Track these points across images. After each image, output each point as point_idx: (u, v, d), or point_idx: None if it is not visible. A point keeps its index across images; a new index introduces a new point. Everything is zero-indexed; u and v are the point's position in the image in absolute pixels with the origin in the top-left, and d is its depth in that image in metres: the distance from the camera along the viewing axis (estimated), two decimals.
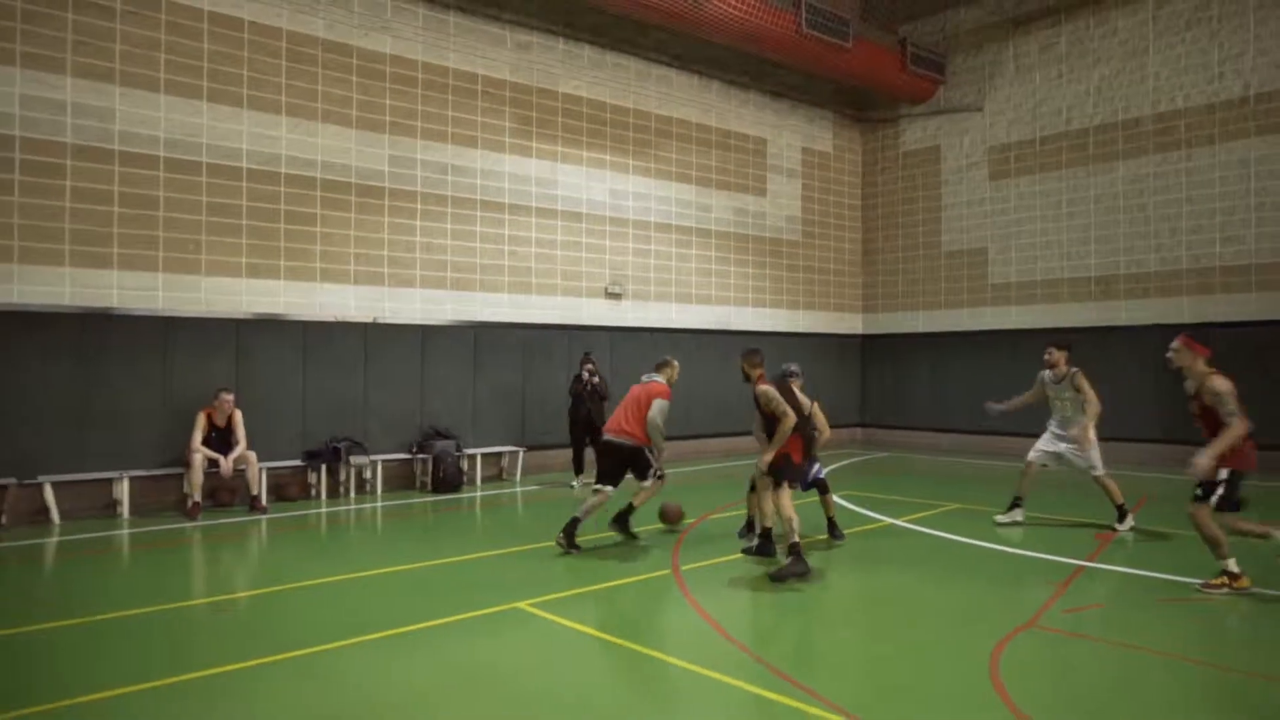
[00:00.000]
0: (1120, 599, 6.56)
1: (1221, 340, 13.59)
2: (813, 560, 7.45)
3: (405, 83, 12.35)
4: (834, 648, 5.62)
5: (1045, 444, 9.18)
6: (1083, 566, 7.42)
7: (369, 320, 11.97)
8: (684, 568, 7.44)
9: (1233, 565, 6.55)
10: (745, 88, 16.60)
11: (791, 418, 7.34)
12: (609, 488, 8.31)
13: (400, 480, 12.20)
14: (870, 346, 18.56)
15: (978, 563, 7.69)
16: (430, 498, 11.57)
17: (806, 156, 17.76)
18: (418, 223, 12.47)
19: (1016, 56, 16.29)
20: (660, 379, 8.49)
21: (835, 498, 9.21)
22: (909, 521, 9.55)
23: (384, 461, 11.91)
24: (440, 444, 12.05)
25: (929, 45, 16.85)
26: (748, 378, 7.88)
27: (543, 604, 6.32)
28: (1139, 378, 14.22)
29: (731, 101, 16.47)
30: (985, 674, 4.90)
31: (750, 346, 8.25)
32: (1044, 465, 9.22)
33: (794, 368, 8.40)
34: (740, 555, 7.88)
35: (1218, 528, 6.49)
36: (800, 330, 17.45)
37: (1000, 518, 9.38)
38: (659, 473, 8.41)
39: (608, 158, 14.63)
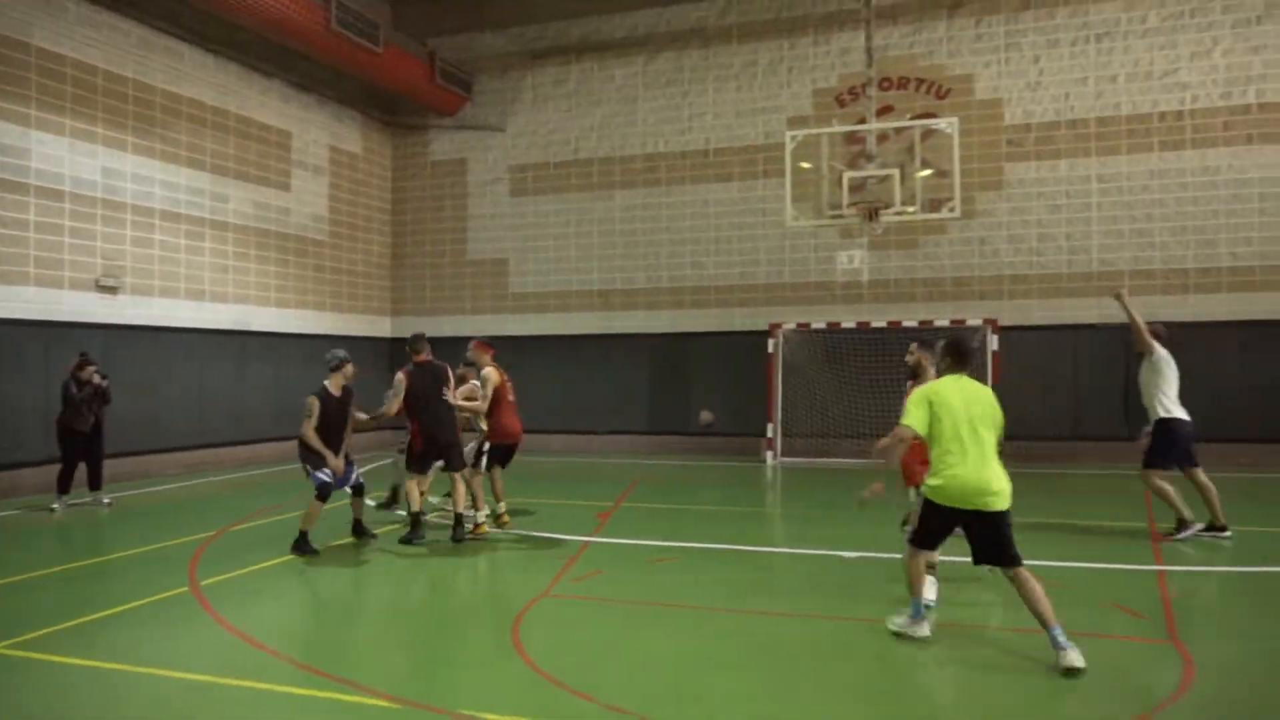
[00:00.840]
0: (617, 564, 7.73)
1: (694, 345, 16.60)
2: (356, 560, 7.50)
3: None
4: (374, 638, 5.80)
5: None
6: (587, 542, 8.56)
7: None
8: (204, 583, 6.96)
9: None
10: (269, 75, 15.74)
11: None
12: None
13: None
14: (399, 350, 18.77)
15: (505, 548, 8.42)
16: None
17: (334, 155, 17.41)
18: None
19: (534, 86, 17.88)
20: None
21: (370, 500, 9.32)
22: (442, 518, 10.00)
23: None
24: None
25: (457, 63, 17.67)
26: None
27: (19, 644, 5.46)
28: (640, 376, 16.63)
29: (253, 88, 15.49)
30: (509, 639, 5.51)
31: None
32: None
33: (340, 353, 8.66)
34: (268, 564, 7.60)
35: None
36: (326, 332, 17.02)
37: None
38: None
39: (99, 130, 12.78)
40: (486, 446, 9.37)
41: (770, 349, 15.55)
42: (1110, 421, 14.48)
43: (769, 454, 15.21)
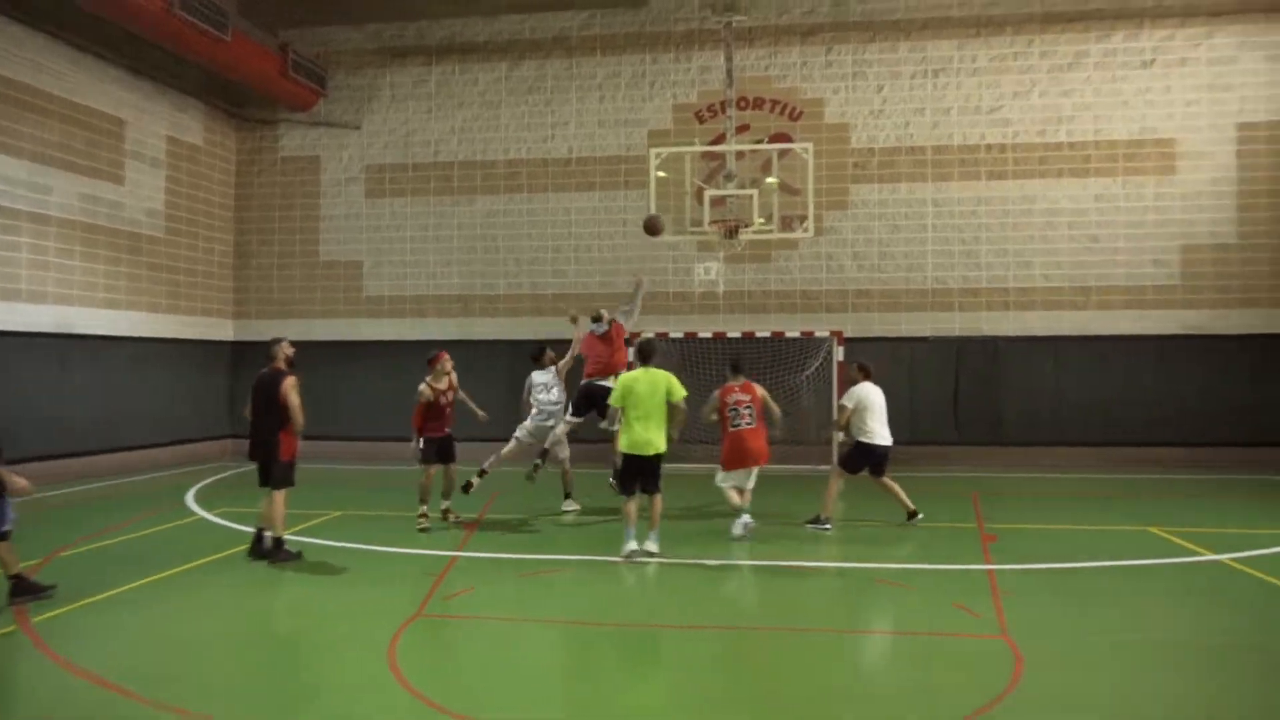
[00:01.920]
0: (487, 580, 7.72)
1: (556, 352, 16.60)
2: (208, 585, 7.12)
3: None
4: (238, 669, 5.56)
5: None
6: (455, 557, 8.49)
7: None
8: (36, 620, 6.43)
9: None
10: (100, 58, 14.57)
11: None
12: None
13: None
14: (242, 354, 17.83)
15: (367, 565, 8.22)
16: None
17: (173, 147, 16.33)
18: None
19: (393, 85, 17.42)
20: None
21: (215, 516, 8.87)
22: (297, 534, 9.62)
23: None
24: None
25: (311, 56, 16.96)
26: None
27: None
28: (500, 383, 16.51)
29: (82, 70, 14.30)
30: (384, 664, 5.42)
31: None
32: None
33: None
34: (108, 595, 7.11)
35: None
36: (161, 335, 15.95)
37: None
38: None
39: None
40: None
41: (631, 357, 15.80)
42: (943, 427, 15.69)
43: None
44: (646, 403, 8.10)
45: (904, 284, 15.99)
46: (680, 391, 8.28)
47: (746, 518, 9.24)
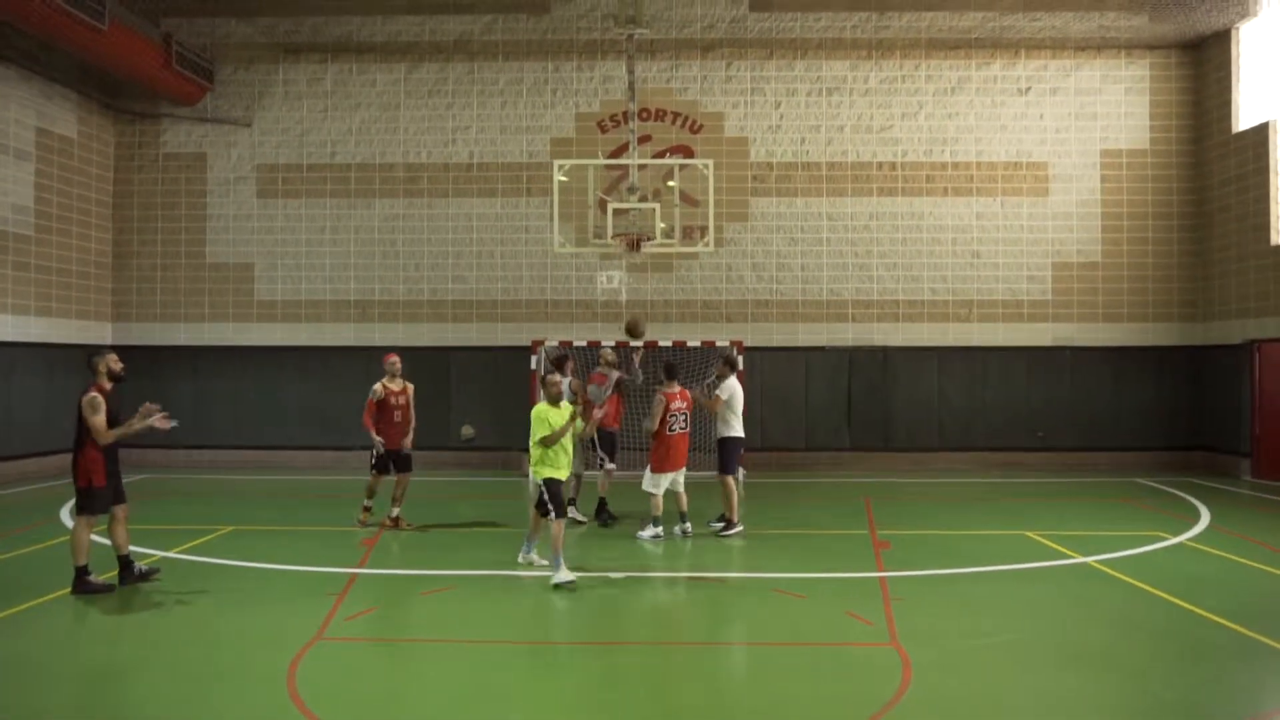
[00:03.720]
0: (390, 598, 7.60)
1: (462, 360, 16.44)
2: (87, 612, 6.76)
3: None
4: (131, 700, 5.31)
5: None
6: (355, 574, 8.32)
7: None
8: None
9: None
10: None
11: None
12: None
13: None
14: (122, 359, 16.87)
15: (262, 584, 7.96)
16: None
17: (43, 139, 15.35)
18: None
19: (286, 83, 16.85)
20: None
21: (96, 534, 8.39)
22: (184, 552, 9.23)
23: None
24: None
25: (196, 48, 16.23)
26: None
27: None
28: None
29: None
30: (284, 691, 5.30)
31: None
32: None
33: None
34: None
35: None
36: (31, 339, 14.98)
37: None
38: None
39: None
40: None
41: (533, 365, 15.79)
42: (837, 433, 16.28)
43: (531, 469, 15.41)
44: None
45: (801, 295, 16.50)
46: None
47: (659, 529, 9.79)
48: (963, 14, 15.25)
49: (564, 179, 13.08)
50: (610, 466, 11.05)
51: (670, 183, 13.16)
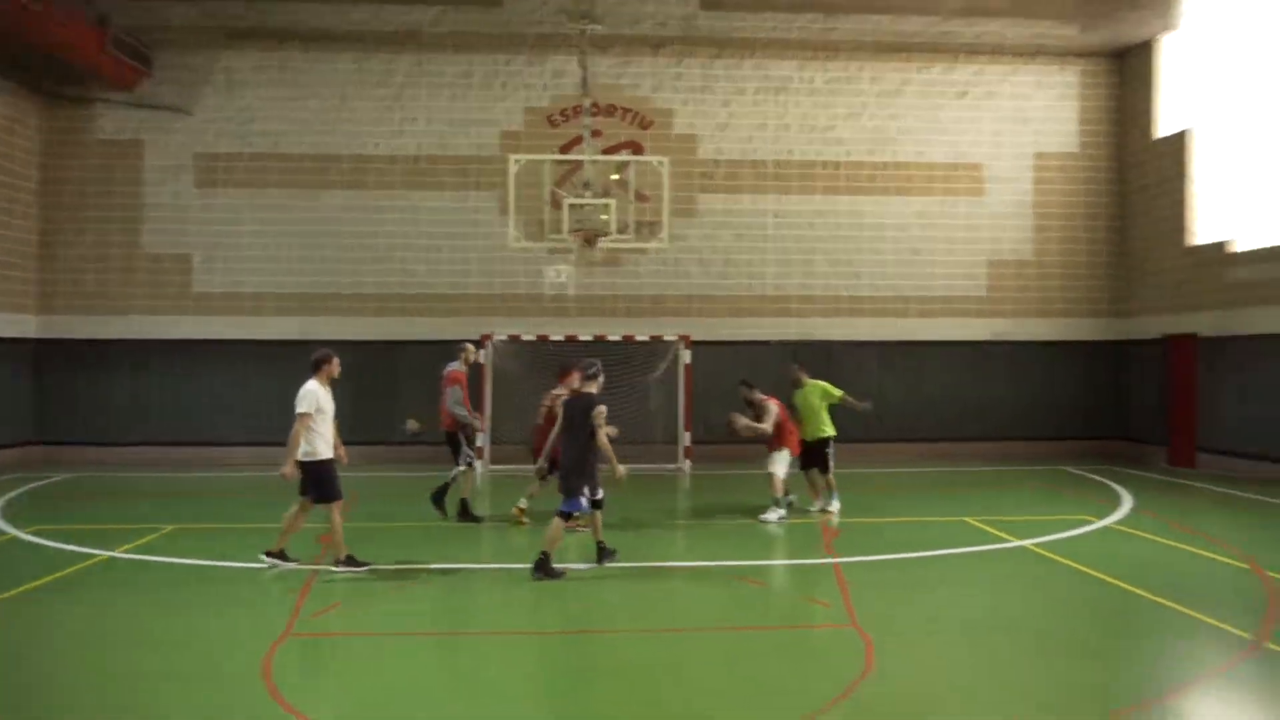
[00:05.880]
0: (354, 593, 7.59)
1: (409, 354, 16.24)
2: (44, 613, 6.61)
3: None
4: (105, 704, 5.25)
5: None
6: (315, 571, 8.27)
7: None
8: None
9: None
10: None
11: None
12: None
13: None
14: (49, 352, 16.32)
15: (221, 583, 7.87)
16: None
17: None
18: None
19: (229, 69, 16.44)
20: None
21: (28, 534, 8.23)
22: (130, 551, 9.04)
23: None
24: None
25: (135, 30, 15.69)
26: None
27: None
28: (344, 384, 15.97)
29: None
30: (262, 687, 5.29)
31: None
32: None
33: None
34: None
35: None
36: None
37: None
38: None
39: None
40: None
41: (482, 359, 15.75)
42: None
43: (478, 463, 15.39)
44: None
45: (746, 290, 16.81)
46: None
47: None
48: (906, 18, 15.69)
49: (517, 161, 13.10)
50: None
51: (614, 176, 13.31)
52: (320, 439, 8.10)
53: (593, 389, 8.14)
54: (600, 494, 8.18)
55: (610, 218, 12.57)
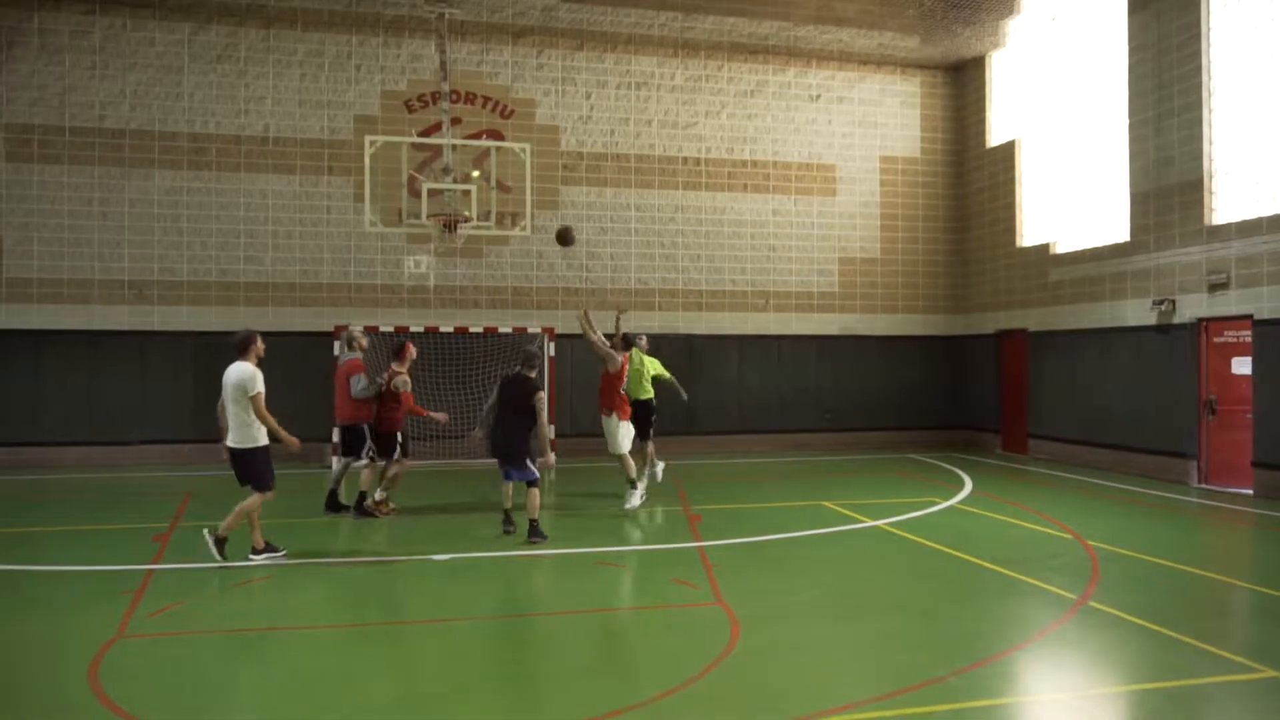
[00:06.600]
0: (199, 591, 7.05)
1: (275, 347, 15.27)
2: None
3: None
4: None
5: None
6: (152, 570, 7.64)
7: None
8: None
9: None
10: None
11: None
12: None
13: None
14: None
15: (51, 585, 7.15)
16: None
17: None
18: None
19: (44, 33, 15.00)
20: None
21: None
22: None
23: None
24: None
25: None
26: None
27: None
28: (183, 379, 14.92)
29: None
30: (89, 692, 4.82)
31: None
32: None
33: None
34: None
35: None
36: None
37: None
38: None
39: None
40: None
41: (336, 351, 15.06)
42: None
43: (334, 459, 14.72)
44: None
45: (610, 283, 16.84)
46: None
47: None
48: (761, 21, 16.14)
49: (374, 143, 12.61)
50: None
51: (475, 173, 13.03)
52: (259, 426, 7.72)
53: (531, 374, 8.94)
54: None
55: (472, 204, 12.27)
